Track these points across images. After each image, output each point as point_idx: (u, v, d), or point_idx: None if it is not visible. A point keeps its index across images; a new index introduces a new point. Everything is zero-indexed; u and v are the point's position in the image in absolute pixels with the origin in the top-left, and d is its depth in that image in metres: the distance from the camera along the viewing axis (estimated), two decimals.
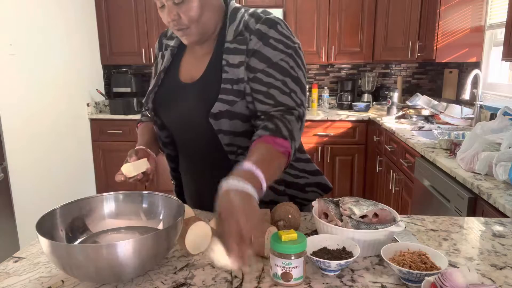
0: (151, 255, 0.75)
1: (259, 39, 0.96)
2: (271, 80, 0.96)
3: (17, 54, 2.78)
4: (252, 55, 0.97)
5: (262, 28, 0.96)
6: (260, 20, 0.98)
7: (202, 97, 1.00)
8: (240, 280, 0.79)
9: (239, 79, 0.97)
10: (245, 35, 0.98)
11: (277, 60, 0.96)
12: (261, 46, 0.96)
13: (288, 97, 0.96)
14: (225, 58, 0.98)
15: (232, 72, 0.97)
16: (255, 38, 0.96)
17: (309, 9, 3.60)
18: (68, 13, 3.39)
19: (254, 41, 0.96)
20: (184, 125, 1.07)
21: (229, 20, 1.01)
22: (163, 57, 1.13)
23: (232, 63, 0.98)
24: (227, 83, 0.97)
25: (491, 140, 1.67)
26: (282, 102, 0.95)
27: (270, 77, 0.96)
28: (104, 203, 0.95)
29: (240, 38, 0.99)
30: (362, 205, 0.93)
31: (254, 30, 0.97)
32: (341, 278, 0.79)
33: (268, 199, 1.08)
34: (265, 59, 0.96)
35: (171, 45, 1.13)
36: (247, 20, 0.99)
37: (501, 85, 2.71)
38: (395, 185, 2.75)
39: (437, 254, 0.80)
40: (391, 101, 3.28)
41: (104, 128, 3.72)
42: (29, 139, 2.92)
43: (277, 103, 0.95)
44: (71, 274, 0.74)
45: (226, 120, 0.98)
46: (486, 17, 2.80)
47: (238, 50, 0.98)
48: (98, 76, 3.93)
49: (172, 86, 1.08)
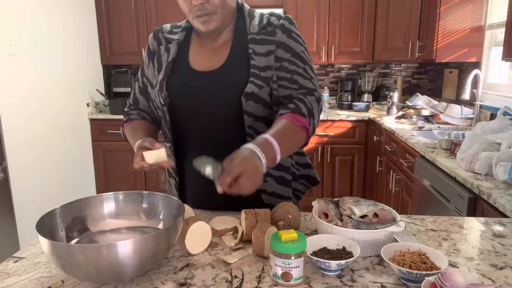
0: (151, 255, 0.75)
1: (283, 32, 1.08)
2: (295, 67, 1.07)
3: (17, 54, 2.78)
4: (278, 46, 1.07)
5: (285, 23, 1.09)
6: (281, 17, 1.11)
7: (232, 80, 1.07)
8: (240, 280, 0.79)
9: (266, 66, 1.06)
10: (270, 29, 1.09)
11: (299, 51, 1.08)
12: (285, 38, 1.08)
13: (309, 81, 1.07)
14: (251, 47, 1.07)
15: (259, 60, 1.06)
16: (280, 32, 1.08)
17: (309, 9, 3.60)
18: (68, 13, 3.39)
19: (279, 33, 1.08)
20: (207, 111, 1.10)
21: (249, 17, 1.12)
22: (168, 49, 1.15)
23: (260, 52, 1.07)
24: (255, 69, 1.06)
25: (491, 140, 1.67)
26: (304, 85, 1.06)
27: (293, 65, 1.07)
28: (104, 203, 0.95)
29: (266, 31, 1.09)
30: (362, 205, 0.93)
31: (278, 25, 1.09)
32: (341, 278, 0.79)
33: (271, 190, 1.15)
34: (290, 50, 1.08)
35: (175, 38, 1.15)
36: (268, 17, 1.11)
37: (501, 85, 2.71)
38: (395, 185, 2.75)
39: (437, 254, 0.80)
40: (391, 101, 3.28)
41: (104, 128, 3.72)
42: (29, 139, 2.92)
43: (300, 86, 1.06)
44: (71, 274, 0.74)
45: (252, 102, 1.05)
46: (486, 17, 2.80)
47: (266, 41, 1.08)
48: (98, 76, 3.93)
49: (186, 75, 1.11)
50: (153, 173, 3.76)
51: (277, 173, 1.15)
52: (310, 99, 1.05)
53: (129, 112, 1.25)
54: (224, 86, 1.07)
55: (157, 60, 1.16)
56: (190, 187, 1.22)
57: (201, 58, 1.12)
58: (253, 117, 1.07)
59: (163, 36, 1.18)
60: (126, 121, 1.22)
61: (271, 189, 1.15)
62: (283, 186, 1.17)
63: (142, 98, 1.23)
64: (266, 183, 1.14)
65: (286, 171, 1.17)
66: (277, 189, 1.16)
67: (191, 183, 1.21)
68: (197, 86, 1.10)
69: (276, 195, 1.16)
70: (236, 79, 1.06)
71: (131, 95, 1.26)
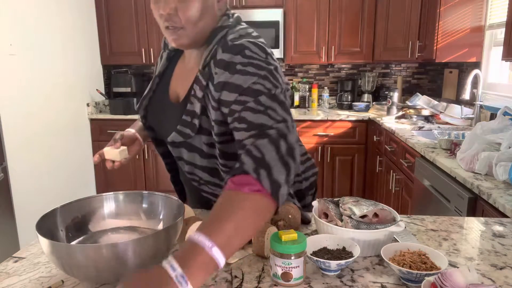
0: (151, 255, 0.75)
1: (224, 70, 0.86)
2: (243, 105, 0.83)
3: (17, 54, 2.78)
4: (222, 89, 0.86)
5: (225, 57, 0.86)
6: (225, 49, 0.87)
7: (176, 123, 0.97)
8: (240, 280, 0.79)
9: (195, 113, 0.93)
10: (210, 67, 0.90)
11: (249, 84, 0.83)
12: (227, 76, 0.85)
13: (263, 115, 0.80)
14: (194, 88, 0.93)
15: (195, 104, 0.92)
16: (220, 70, 0.87)
17: (309, 9, 3.60)
18: (68, 13, 3.39)
19: (219, 73, 0.86)
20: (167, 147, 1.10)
21: (207, 41, 0.92)
22: (161, 58, 1.10)
23: (197, 95, 0.92)
24: (188, 114, 0.94)
25: (491, 140, 1.67)
26: (255, 122, 0.80)
27: (243, 104, 0.83)
28: (104, 203, 0.95)
29: (205, 71, 0.91)
30: (362, 205, 0.93)
31: (217, 61, 0.88)
32: (341, 278, 0.79)
33: None
34: (235, 88, 0.84)
35: (169, 49, 1.08)
36: (216, 49, 0.90)
37: (501, 85, 2.71)
38: (395, 185, 2.75)
39: (437, 254, 0.80)
40: (391, 101, 3.28)
41: (104, 128, 3.72)
42: (29, 139, 2.92)
43: (250, 125, 0.80)
44: (71, 274, 0.74)
45: (185, 150, 1.00)
46: (486, 17, 2.80)
47: (201, 84, 0.91)
48: (98, 76, 3.93)
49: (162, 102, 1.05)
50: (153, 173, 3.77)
51: None
52: (260, 144, 0.75)
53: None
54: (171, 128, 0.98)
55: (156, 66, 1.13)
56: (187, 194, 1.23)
57: (177, 82, 1.03)
58: (191, 164, 1.02)
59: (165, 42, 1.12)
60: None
61: None
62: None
63: None
64: None
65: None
66: None
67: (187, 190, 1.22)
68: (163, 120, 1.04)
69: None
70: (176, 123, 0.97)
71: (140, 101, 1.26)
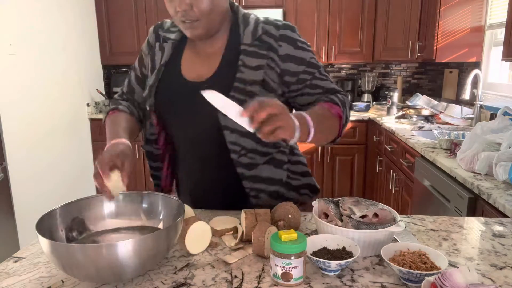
0: (151, 255, 0.75)
1: (289, 44, 1.03)
2: (311, 76, 1.06)
3: (17, 54, 2.78)
4: (288, 60, 1.03)
5: (287, 33, 1.04)
6: (280, 26, 1.04)
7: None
8: (240, 280, 0.79)
9: (254, 81, 1.01)
10: (268, 41, 1.03)
11: (309, 58, 1.06)
12: (292, 50, 1.03)
13: (329, 82, 1.09)
14: (241, 59, 1.02)
15: (247, 73, 1.01)
16: (284, 44, 1.03)
17: (309, 9, 3.60)
18: (68, 13, 3.39)
19: (285, 47, 1.03)
20: (190, 122, 1.07)
21: (243, 24, 1.05)
22: (162, 49, 1.11)
23: (249, 65, 1.01)
24: (240, 82, 1.00)
25: (491, 140, 1.67)
26: (327, 87, 1.07)
27: (310, 74, 1.06)
28: (104, 203, 0.95)
29: (260, 43, 1.03)
30: (362, 205, 0.93)
31: (279, 36, 1.03)
32: (341, 278, 0.79)
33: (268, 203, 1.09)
34: (300, 61, 1.05)
35: (171, 38, 1.11)
36: (265, 27, 1.04)
37: (501, 85, 2.71)
38: (395, 185, 2.75)
39: (437, 254, 0.80)
40: (391, 101, 3.28)
41: (104, 128, 3.72)
42: (29, 139, 2.92)
43: (324, 89, 1.07)
44: (71, 274, 0.74)
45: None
46: (486, 17, 2.80)
47: (258, 54, 1.02)
48: (98, 76, 3.93)
49: (176, 83, 1.07)
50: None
51: (270, 188, 1.11)
52: (340, 96, 1.07)
53: (119, 101, 1.19)
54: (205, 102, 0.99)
55: (152, 58, 1.13)
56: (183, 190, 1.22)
57: (193, 65, 1.08)
58: (237, 132, 1.02)
59: (159, 34, 1.14)
60: (112, 109, 1.15)
61: (266, 203, 1.10)
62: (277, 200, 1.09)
63: (139, 87, 1.18)
64: (258, 199, 1.10)
65: (279, 184, 1.12)
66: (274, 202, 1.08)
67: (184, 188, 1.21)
68: (184, 97, 1.06)
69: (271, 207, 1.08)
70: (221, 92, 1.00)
71: (126, 84, 1.21)
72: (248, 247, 0.91)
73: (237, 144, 1.04)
